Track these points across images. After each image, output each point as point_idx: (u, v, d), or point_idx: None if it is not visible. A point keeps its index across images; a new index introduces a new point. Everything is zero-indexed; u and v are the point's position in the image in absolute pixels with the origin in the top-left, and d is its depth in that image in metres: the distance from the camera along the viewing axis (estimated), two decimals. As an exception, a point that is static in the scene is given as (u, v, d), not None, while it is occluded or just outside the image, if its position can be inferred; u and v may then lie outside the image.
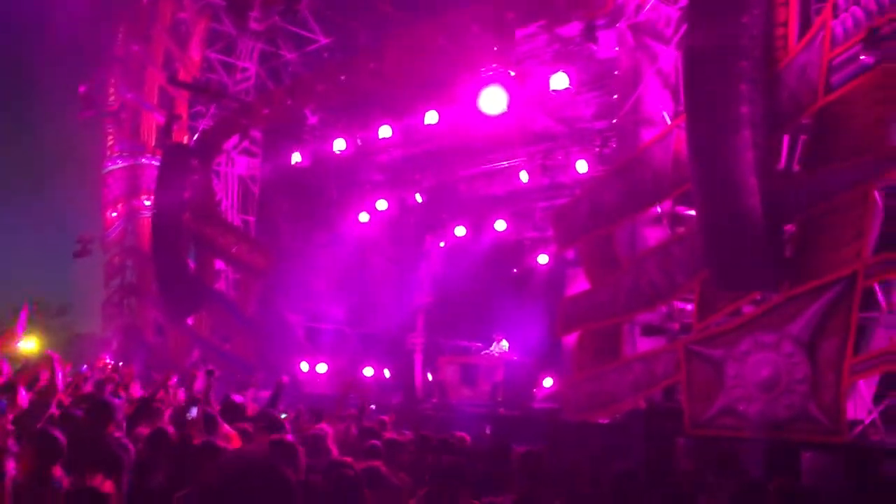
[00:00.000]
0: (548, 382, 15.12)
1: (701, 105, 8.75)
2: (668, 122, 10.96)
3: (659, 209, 10.96)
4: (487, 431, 10.69)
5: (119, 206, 22.32)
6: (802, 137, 9.18)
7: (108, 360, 15.49)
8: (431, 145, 15.59)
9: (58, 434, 4.27)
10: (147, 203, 20.67)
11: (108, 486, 2.99)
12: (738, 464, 7.85)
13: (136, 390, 9.62)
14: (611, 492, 3.45)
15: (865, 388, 8.64)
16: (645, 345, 10.84)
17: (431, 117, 13.93)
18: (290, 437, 4.76)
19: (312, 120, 17.40)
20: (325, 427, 6.75)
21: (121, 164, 22.23)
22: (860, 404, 8.61)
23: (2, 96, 31.36)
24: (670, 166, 10.04)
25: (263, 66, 19.68)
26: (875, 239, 8.31)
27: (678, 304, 11.02)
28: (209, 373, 5.80)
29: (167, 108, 20.17)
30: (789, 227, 8.92)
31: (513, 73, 12.92)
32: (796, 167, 9.35)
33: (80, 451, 4.21)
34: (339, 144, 16.01)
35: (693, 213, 10.18)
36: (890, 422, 8.52)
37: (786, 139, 9.47)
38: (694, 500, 5.03)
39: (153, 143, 21.03)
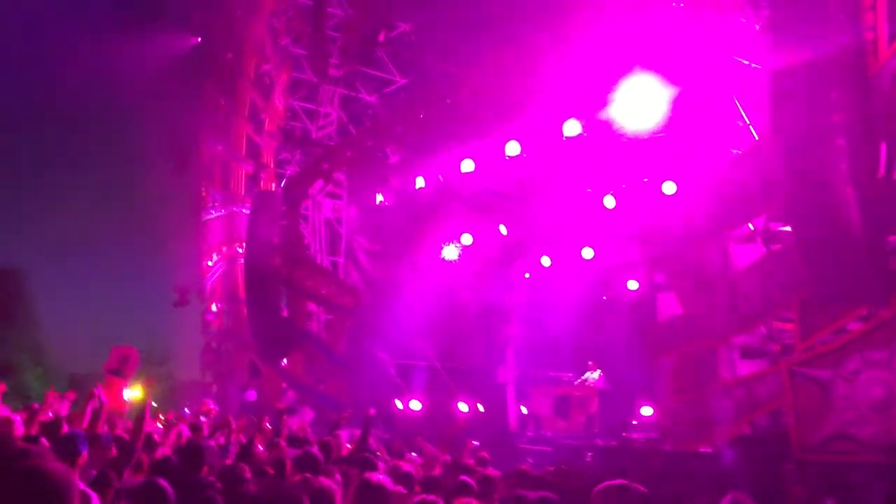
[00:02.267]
0: (646, 411, 14.72)
1: (791, 117, 8.46)
2: (756, 137, 10.66)
3: (751, 226, 10.63)
4: (588, 458, 10.37)
5: (214, 254, 23.08)
6: (901, 144, 8.78)
7: (211, 406, 15.85)
8: (513, 176, 15.54)
9: (164, 484, 4.23)
10: (240, 250, 21.31)
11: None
12: (855, 490, 7.43)
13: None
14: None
15: None
16: (745, 368, 10.45)
17: (512, 148, 13.91)
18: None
19: (394, 159, 17.64)
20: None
21: (215, 213, 23.04)
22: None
23: (103, 153, 33.01)
24: (761, 182, 9.73)
25: (344, 110, 20.16)
26: None
27: (778, 325, 10.61)
28: (281, 412, 5.83)
29: (254, 157, 20.85)
30: (893, 238, 8.50)
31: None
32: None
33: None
34: (420, 182, 16.18)
35: (788, 229, 9.82)
36: None
37: (883, 147, 9.07)
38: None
39: (243, 192, 21.73)
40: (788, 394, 9.09)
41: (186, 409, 12.65)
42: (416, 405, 17.35)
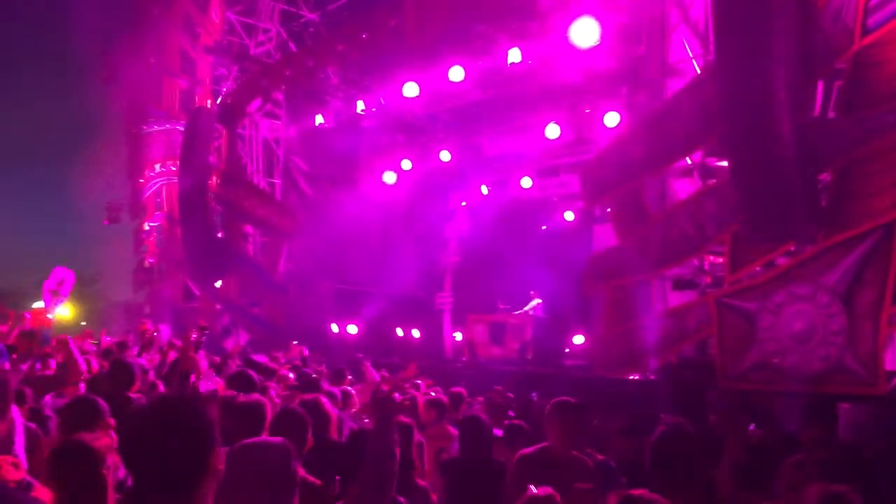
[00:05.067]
0: (578, 339, 15.03)
1: (733, 50, 8.46)
2: (698, 71, 10.68)
3: (689, 161, 10.73)
4: (534, 397, 10.46)
5: (146, 171, 22.44)
6: (837, 83, 8.88)
7: (149, 327, 15.62)
8: (456, 103, 15.35)
9: (97, 398, 4.18)
10: (174, 168, 20.75)
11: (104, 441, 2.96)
12: (773, 416, 7.73)
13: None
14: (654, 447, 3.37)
15: (904, 338, 8.46)
16: (676, 299, 10.69)
17: (456, 74, 13.70)
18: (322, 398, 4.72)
19: (335, 80, 17.23)
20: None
21: (154, 128, 22.30)
22: (899, 355, 8.44)
23: (29, 66, 31.43)
24: (700, 117, 9.77)
25: (285, 26, 19.51)
26: (914, 185, 8.04)
27: (709, 258, 10.83)
28: (201, 329, 5.71)
29: (189, 72, 20.12)
30: (824, 176, 8.67)
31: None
32: (831, 114, 9.07)
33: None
34: (362, 104, 15.90)
35: (724, 164, 9.94)
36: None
37: (820, 86, 9.18)
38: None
39: (177, 108, 21.02)
40: (715, 324, 9.34)
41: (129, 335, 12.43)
42: (352, 329, 17.40)
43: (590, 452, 4.69)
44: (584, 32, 11.40)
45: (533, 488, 3.13)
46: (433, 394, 8.79)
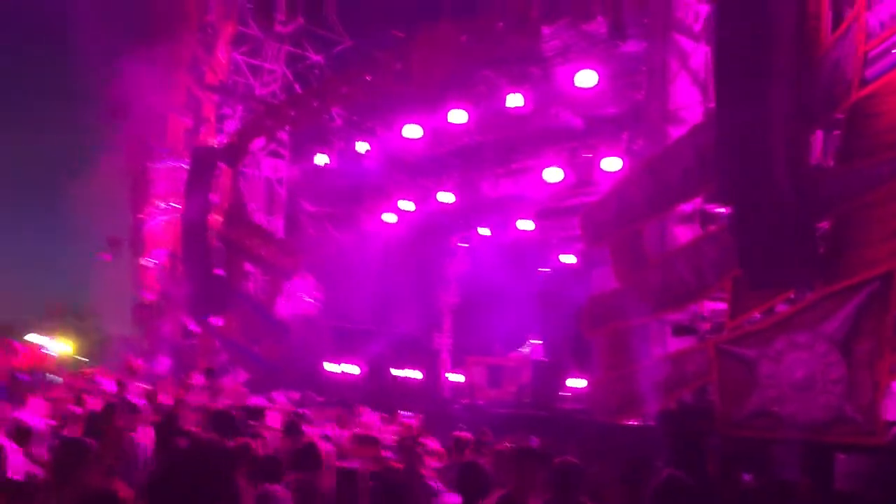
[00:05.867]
0: (576, 383, 14.95)
1: (732, 99, 8.58)
2: (698, 118, 10.79)
3: (689, 207, 10.78)
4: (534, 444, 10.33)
5: (148, 207, 22.50)
6: (836, 133, 8.97)
7: (139, 363, 15.57)
8: (457, 145, 15.51)
9: (87, 440, 4.24)
10: (175, 205, 20.81)
11: (123, 490, 2.97)
12: (772, 463, 7.69)
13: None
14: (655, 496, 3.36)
15: (903, 388, 8.41)
16: (675, 344, 10.66)
17: (458, 116, 13.86)
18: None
19: (338, 121, 17.42)
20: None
21: (160, 165, 22.38)
22: (898, 405, 8.39)
23: (32, 97, 31.69)
24: (699, 163, 9.85)
25: (290, 68, 19.77)
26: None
27: (709, 304, 10.83)
28: (209, 371, 5.72)
29: (194, 110, 20.31)
30: (823, 224, 8.71)
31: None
32: (830, 163, 9.15)
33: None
34: (364, 146, 16.07)
35: (724, 210, 10.01)
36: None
37: (819, 135, 9.27)
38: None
39: (182, 146, 21.16)
40: (715, 371, 9.31)
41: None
42: (352, 369, 17.33)
43: (584, 501, 4.65)
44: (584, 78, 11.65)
45: None
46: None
